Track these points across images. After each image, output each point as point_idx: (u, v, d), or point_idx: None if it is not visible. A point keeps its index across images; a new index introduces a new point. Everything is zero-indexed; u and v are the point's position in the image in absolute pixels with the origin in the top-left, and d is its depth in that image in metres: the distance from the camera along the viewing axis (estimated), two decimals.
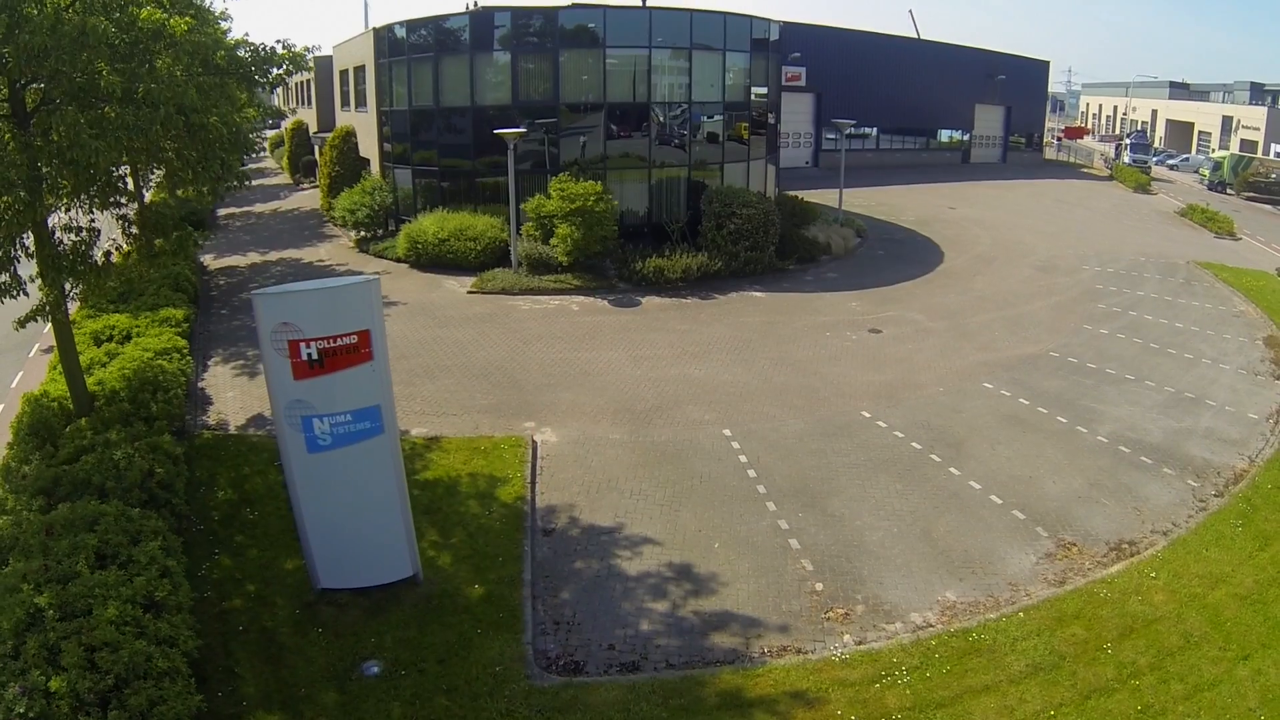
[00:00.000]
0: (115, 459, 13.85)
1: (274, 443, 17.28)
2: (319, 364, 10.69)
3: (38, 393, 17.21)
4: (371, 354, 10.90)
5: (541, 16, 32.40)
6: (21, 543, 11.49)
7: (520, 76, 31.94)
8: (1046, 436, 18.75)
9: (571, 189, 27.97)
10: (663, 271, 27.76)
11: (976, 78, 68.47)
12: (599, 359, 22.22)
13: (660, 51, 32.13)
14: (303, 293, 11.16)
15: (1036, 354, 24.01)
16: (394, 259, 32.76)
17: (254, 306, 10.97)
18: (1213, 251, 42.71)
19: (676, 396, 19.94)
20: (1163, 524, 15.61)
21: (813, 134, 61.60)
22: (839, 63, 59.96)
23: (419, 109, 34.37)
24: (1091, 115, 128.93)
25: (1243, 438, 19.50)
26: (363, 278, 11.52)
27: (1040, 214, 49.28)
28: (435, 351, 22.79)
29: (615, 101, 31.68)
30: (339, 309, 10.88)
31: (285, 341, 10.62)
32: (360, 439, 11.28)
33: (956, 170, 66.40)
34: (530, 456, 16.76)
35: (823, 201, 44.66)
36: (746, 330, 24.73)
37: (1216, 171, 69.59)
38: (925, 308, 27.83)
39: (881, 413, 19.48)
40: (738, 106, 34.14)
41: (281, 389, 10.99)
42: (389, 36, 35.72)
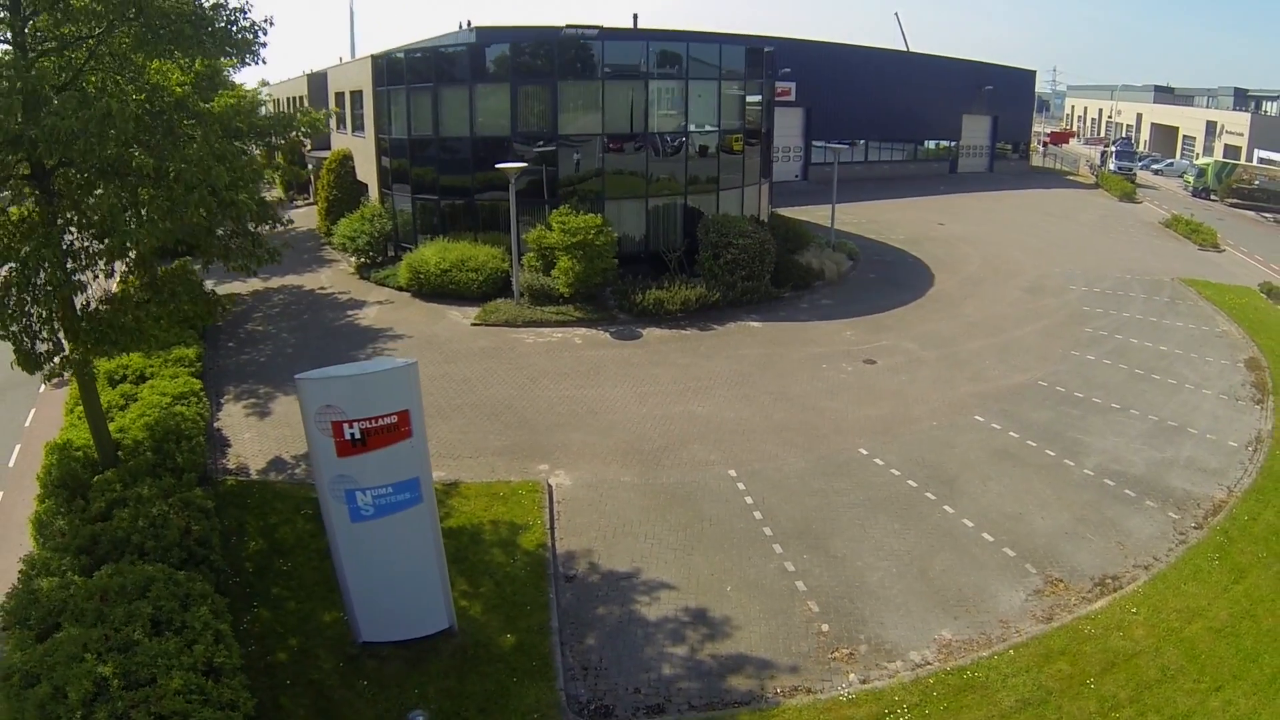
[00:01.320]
0: (151, 516, 14.70)
1: (297, 489, 18.54)
2: (361, 442, 11.75)
3: (60, 441, 18.03)
4: (411, 431, 11.97)
5: (540, 47, 33.47)
6: (73, 608, 12.26)
7: (519, 106, 32.93)
8: (1035, 471, 19.97)
9: (573, 222, 29.06)
10: (662, 303, 28.88)
11: (964, 88, 69.93)
12: (605, 396, 23.31)
13: (656, 81, 33.15)
14: (346, 378, 12.17)
15: (1025, 384, 25.24)
16: (395, 287, 33.74)
17: (298, 390, 12.01)
18: (1197, 265, 44.15)
19: (682, 435, 21.06)
20: (1144, 558, 16.84)
21: (802, 148, 62.86)
22: (827, 77, 61.24)
23: (418, 138, 35.33)
24: (1077, 117, 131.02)
25: (1222, 467, 20.78)
26: (402, 362, 12.53)
27: (1027, 228, 50.65)
28: (445, 389, 23.83)
29: (612, 131, 32.72)
30: (380, 392, 11.95)
31: (329, 422, 11.67)
32: (400, 509, 12.34)
33: (944, 181, 67.77)
34: (547, 502, 17.85)
35: (814, 220, 45.97)
36: (746, 364, 25.87)
37: (1201, 178, 71.29)
38: (918, 336, 29.04)
39: (878, 449, 20.65)
40: (733, 133, 35.24)
41: (326, 465, 12.03)
42: (387, 64, 36.66)
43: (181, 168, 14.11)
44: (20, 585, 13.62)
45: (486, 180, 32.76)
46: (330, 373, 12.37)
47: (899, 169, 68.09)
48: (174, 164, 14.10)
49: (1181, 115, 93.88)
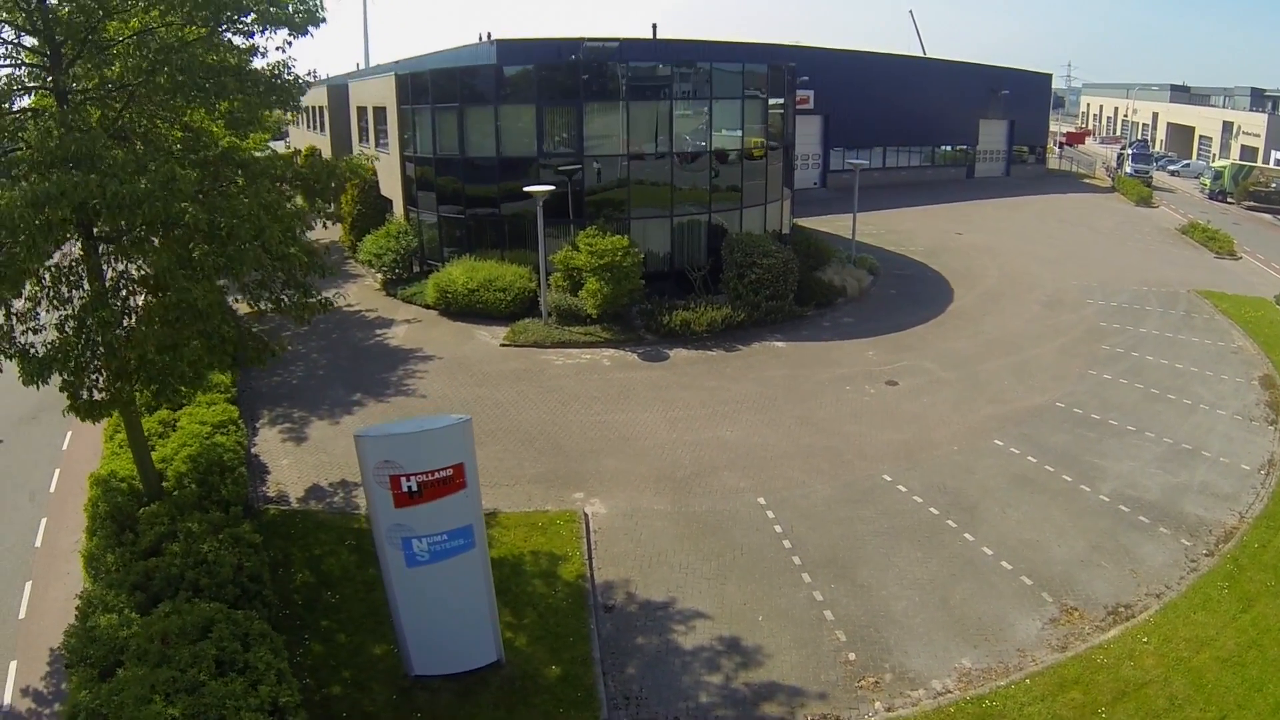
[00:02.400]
0: (203, 553, 15.57)
1: (339, 519, 19.58)
2: (418, 494, 12.71)
3: (105, 473, 18.82)
4: (465, 483, 12.91)
5: (564, 68, 34.37)
6: (135, 647, 13.03)
7: (544, 127, 33.86)
8: (1052, 497, 20.79)
9: (600, 244, 29.98)
10: (689, 324, 29.79)
11: (980, 92, 70.51)
12: (636, 421, 24.24)
13: (680, 102, 34.00)
14: (403, 435, 13.09)
15: (1043, 405, 26.03)
16: (423, 305, 34.75)
17: (358, 446, 12.98)
18: (1213, 275, 44.76)
19: (712, 462, 21.97)
20: (1156, 586, 17.64)
21: (821, 155, 63.65)
22: (844, 84, 61.95)
23: (444, 157, 36.29)
24: (1092, 116, 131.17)
25: (1235, 491, 21.54)
26: (456, 419, 13.38)
27: (1044, 238, 51.30)
28: (479, 414, 24.77)
29: (637, 151, 33.60)
30: (435, 448, 12.89)
31: (387, 476, 12.64)
32: (454, 554, 13.30)
33: (961, 187, 68.41)
34: (584, 531, 18.80)
35: (834, 230, 46.85)
36: (771, 386, 26.75)
37: (1217, 181, 71.67)
38: (938, 355, 29.85)
39: (901, 475, 21.52)
40: (755, 150, 36.04)
41: (384, 514, 12.99)
42: (411, 82, 37.59)
43: (234, 223, 14.94)
44: (78, 622, 14.46)
45: (512, 199, 33.70)
46: (388, 430, 13.33)
47: (916, 175, 68.75)
48: (226, 219, 14.90)
49: (1198, 115, 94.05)
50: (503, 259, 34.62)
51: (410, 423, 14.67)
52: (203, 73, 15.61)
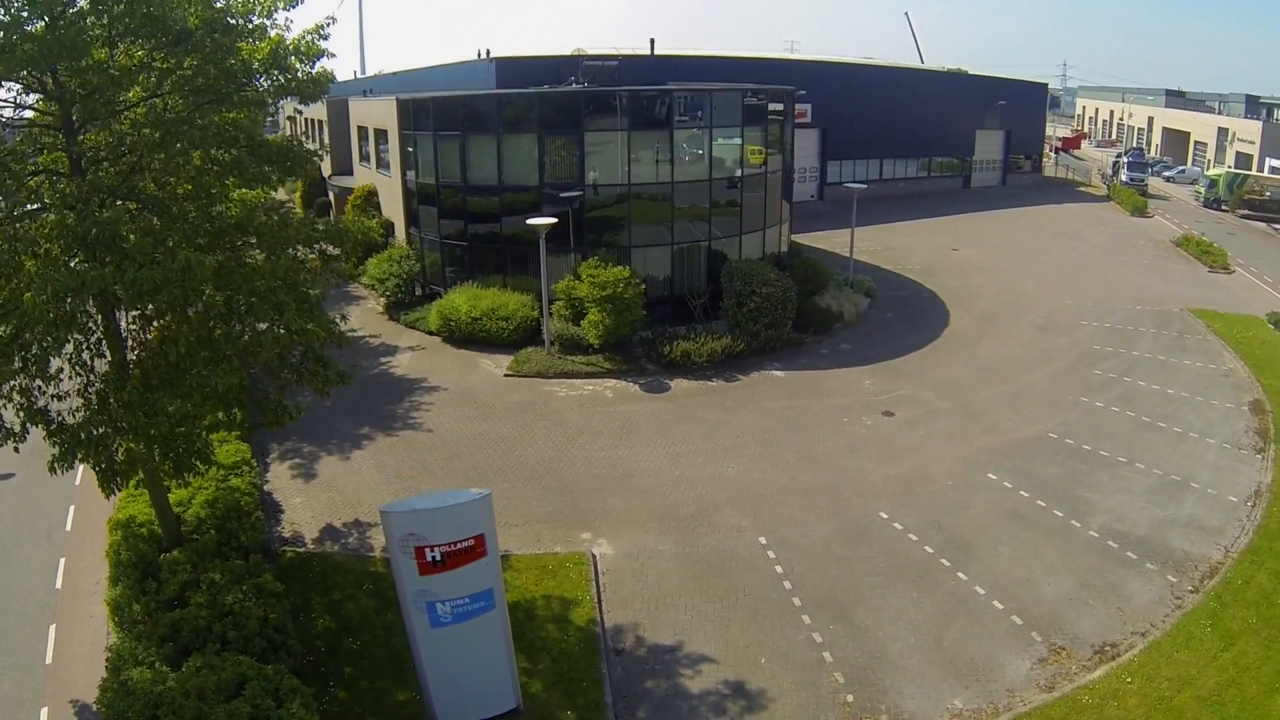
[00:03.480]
0: (228, 604, 16.48)
1: (355, 562, 20.49)
2: (441, 563, 13.68)
3: (123, 518, 19.59)
4: (486, 552, 13.88)
5: (566, 98, 35.27)
6: (170, 702, 13.81)
7: (546, 156, 34.70)
8: (1043, 534, 21.76)
9: (602, 276, 30.89)
10: (689, 355, 30.72)
11: (976, 103, 71.60)
12: (639, 458, 25.18)
13: (680, 131, 34.89)
14: (427, 510, 14.07)
15: (1037, 436, 27.01)
16: (426, 331, 35.63)
17: (384, 520, 13.95)
18: (1207, 291, 45.85)
19: (714, 500, 22.92)
20: (1142, 624, 18.62)
21: (818, 168, 64.65)
22: (842, 96, 62.98)
23: (446, 183, 37.14)
24: (1088, 118, 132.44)
25: (1221, 525, 22.54)
26: (477, 493, 14.38)
27: (1040, 252, 52.37)
28: (485, 449, 25.73)
29: (639, 180, 34.48)
30: (458, 521, 13.86)
31: (412, 547, 13.62)
32: (475, 615, 14.26)
33: (958, 198, 69.45)
34: (593, 574, 19.73)
35: (831, 248, 47.85)
36: (770, 418, 27.71)
37: (1212, 189, 72.88)
38: (934, 383, 30.82)
39: (897, 512, 22.49)
40: (756, 176, 36.94)
41: (409, 581, 13.95)
42: (413, 108, 38.41)
43: (252, 301, 15.74)
44: (110, 675, 15.30)
45: (514, 226, 34.59)
46: (412, 505, 14.31)
47: (913, 186, 69.74)
48: (244, 297, 15.69)
49: (1193, 121, 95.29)
50: (505, 285, 35.51)
51: (433, 497, 15.57)
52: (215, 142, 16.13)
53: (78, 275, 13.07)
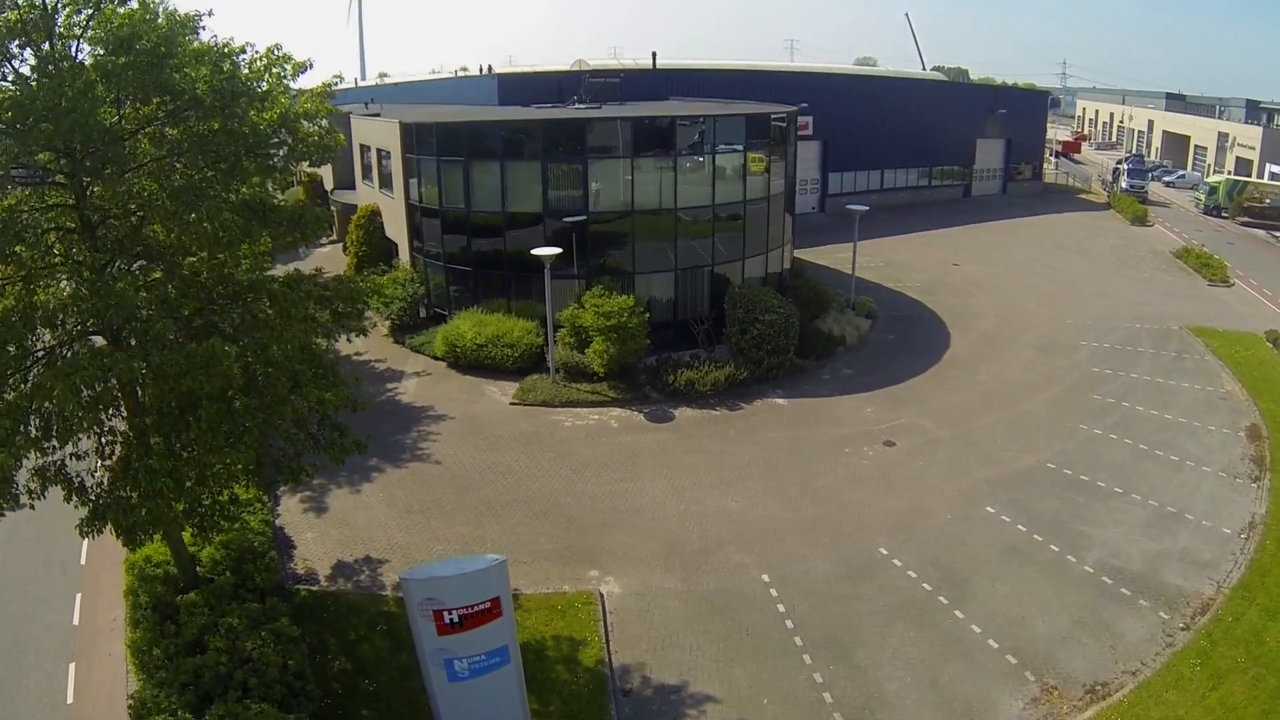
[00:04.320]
0: (248, 650, 17.27)
1: (369, 602, 21.23)
2: (459, 624, 14.47)
3: (139, 558, 20.28)
4: (501, 612, 14.66)
5: (570, 125, 35.94)
6: None
7: (550, 182, 35.42)
8: (1039, 570, 22.51)
9: (607, 305, 31.61)
10: (693, 384, 31.45)
11: (978, 112, 72.32)
12: (644, 491, 25.92)
13: (684, 157, 35.57)
14: (444, 578, 14.91)
15: (1035, 467, 27.73)
16: (431, 355, 36.36)
17: (403, 587, 14.74)
18: (1206, 306, 46.55)
19: (718, 536, 23.68)
20: (1133, 663, 19.36)
21: (819, 180, 65.34)
22: (843, 107, 63.73)
23: (450, 209, 37.83)
24: (1088, 120, 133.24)
25: (1215, 558, 23.27)
26: (493, 560, 15.18)
27: (1040, 267, 53.12)
28: (494, 483, 26.48)
29: (642, 207, 35.18)
30: (474, 586, 14.67)
31: (430, 611, 14.41)
32: (491, 670, 15.06)
33: (958, 208, 70.14)
34: (601, 614, 20.50)
35: (833, 264, 48.57)
36: (773, 449, 28.46)
37: (1212, 196, 73.58)
38: (934, 410, 31.56)
39: (897, 548, 23.25)
40: (759, 200, 37.63)
41: (428, 640, 14.79)
42: (416, 132, 39.06)
43: (269, 371, 16.41)
44: None
45: (519, 251, 35.29)
46: (430, 572, 15.18)
47: (914, 195, 70.41)
48: (260, 367, 16.37)
49: (1194, 125, 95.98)
50: (509, 310, 36.27)
51: (450, 564, 16.31)
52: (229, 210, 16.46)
53: (104, 366, 13.74)
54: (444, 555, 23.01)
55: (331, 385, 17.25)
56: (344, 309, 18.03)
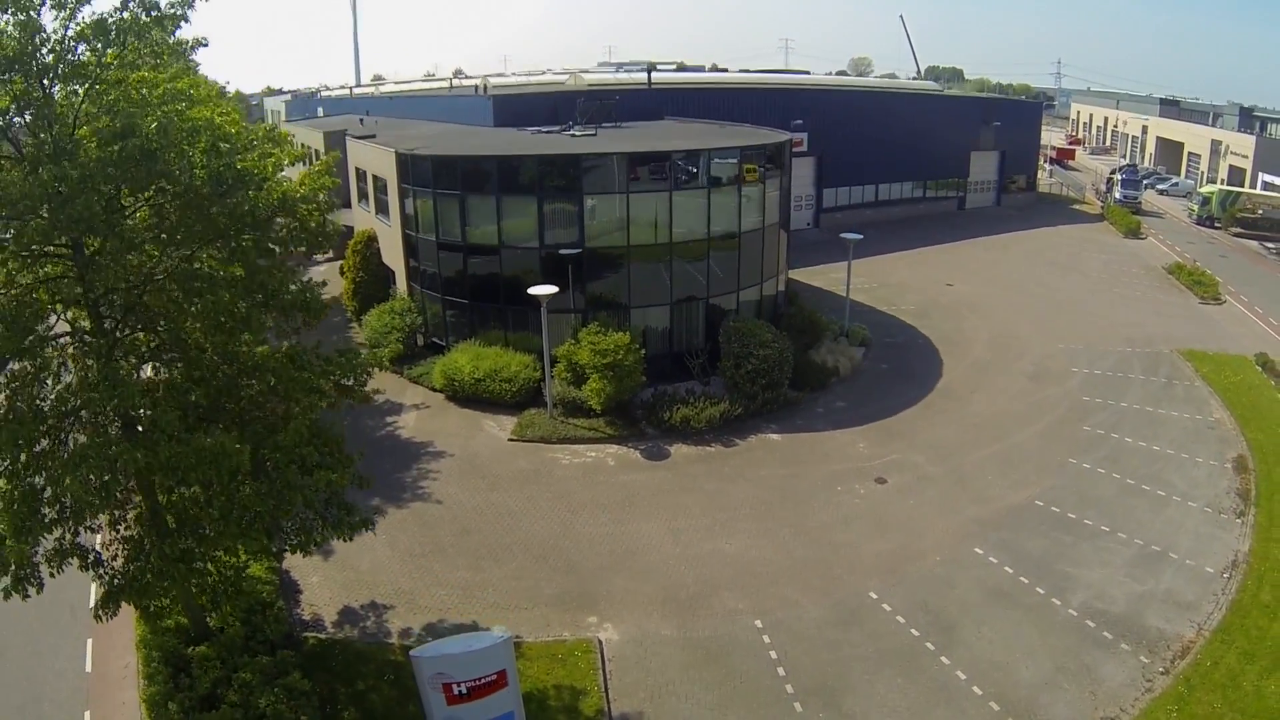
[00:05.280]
0: (261, 708, 18.16)
1: (376, 650, 22.14)
2: (467, 695, 15.42)
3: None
4: (507, 683, 15.61)
5: (566, 161, 36.79)
6: None
7: (546, 216, 36.28)
8: (1025, 613, 23.48)
9: (603, 343, 32.53)
10: (689, 421, 32.38)
11: (972, 125, 73.44)
12: (641, 533, 26.85)
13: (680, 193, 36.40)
14: (453, 655, 15.87)
15: (1024, 504, 28.69)
16: (430, 387, 37.27)
17: (414, 664, 15.71)
18: (1197, 326, 47.62)
19: (713, 580, 24.62)
20: (1112, 709, 20.33)
21: (814, 195, 66.38)
22: (838, 122, 64.82)
23: (446, 241, 38.69)
24: (1083, 124, 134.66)
25: (1197, 599, 24.24)
26: (500, 637, 16.14)
27: (1034, 286, 54.18)
28: (494, 524, 27.40)
29: (638, 241, 36.04)
30: (481, 661, 15.63)
31: (440, 684, 15.37)
32: None
33: (953, 222, 71.22)
34: (600, 662, 21.44)
35: (827, 286, 49.54)
36: (767, 488, 29.41)
37: (1205, 206, 74.83)
38: (926, 445, 32.52)
39: (886, 592, 24.20)
40: (753, 231, 38.51)
41: (438, 710, 15.81)
42: (412, 164, 39.85)
43: (276, 455, 17.24)
44: None
45: (515, 284, 36.17)
46: (440, 650, 16.19)
47: (908, 209, 71.46)
48: (269, 452, 17.19)
49: (1187, 132, 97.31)
50: (506, 342, 37.18)
51: (459, 641, 17.20)
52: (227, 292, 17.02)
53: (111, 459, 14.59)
54: (446, 600, 24.07)
55: (339, 465, 18.07)
56: (348, 382, 18.77)
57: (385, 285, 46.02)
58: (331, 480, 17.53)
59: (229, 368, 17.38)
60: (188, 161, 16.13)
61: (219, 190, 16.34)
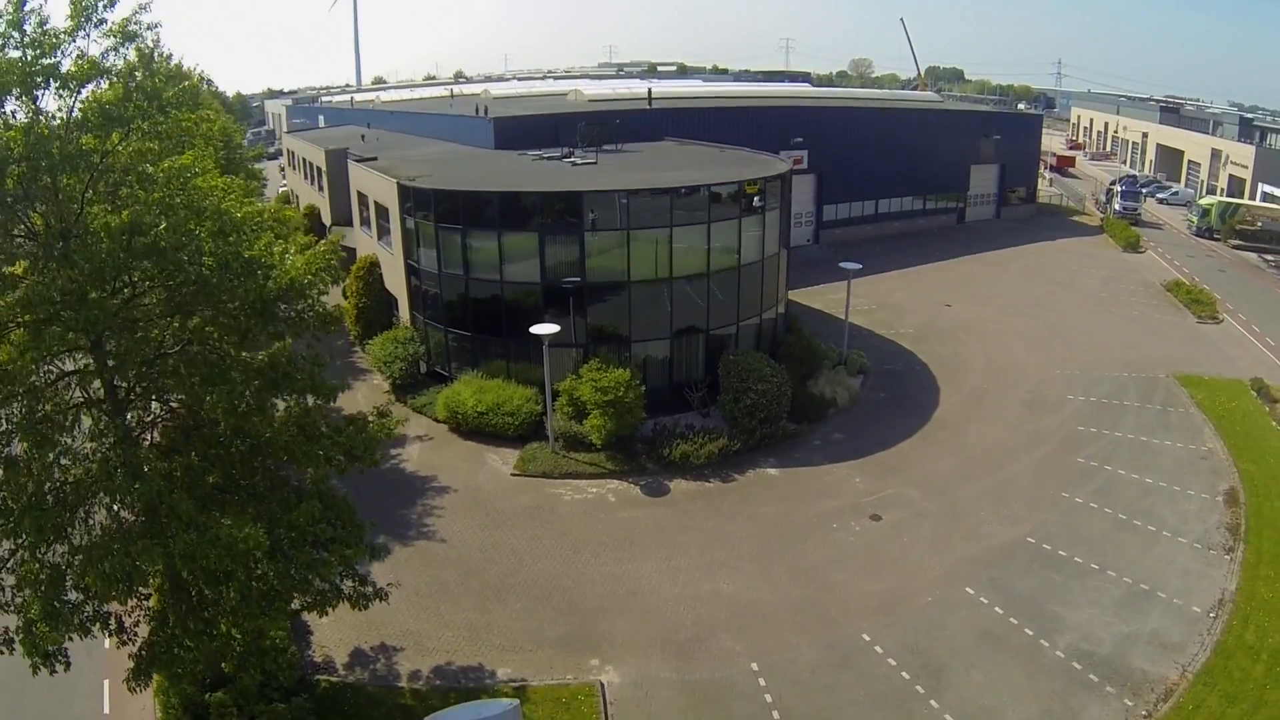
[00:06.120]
0: None
1: (387, 694, 23.18)
2: None
3: None
4: None
5: (568, 198, 37.69)
6: None
7: (547, 253, 37.21)
8: (1013, 655, 24.43)
9: (604, 380, 33.52)
10: (688, 457, 33.37)
11: (972, 138, 74.48)
12: (641, 573, 27.85)
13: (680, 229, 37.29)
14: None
15: (1016, 542, 29.64)
16: (433, 418, 38.26)
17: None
18: (1194, 348, 48.54)
19: (711, 622, 25.61)
20: None
21: (814, 212, 67.32)
22: (838, 139, 65.86)
23: (449, 274, 39.64)
24: (1083, 128, 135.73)
25: (1182, 640, 25.17)
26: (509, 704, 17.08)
27: (1032, 305, 55.21)
28: (498, 564, 28.40)
29: (638, 277, 36.98)
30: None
31: None
32: None
33: (952, 236, 72.28)
34: (602, 706, 22.46)
35: (825, 308, 50.54)
36: (764, 525, 30.39)
37: (1204, 218, 75.82)
38: (921, 480, 33.47)
39: (879, 634, 25.18)
40: (754, 264, 39.43)
41: None
42: (414, 195, 40.79)
43: (292, 535, 18.18)
44: None
45: (517, 317, 37.20)
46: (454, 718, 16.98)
47: (908, 224, 72.42)
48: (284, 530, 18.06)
49: (1188, 140, 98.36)
50: (508, 373, 38.18)
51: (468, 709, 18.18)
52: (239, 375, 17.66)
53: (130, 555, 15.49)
54: (453, 643, 25.07)
55: (353, 539, 19.04)
56: (359, 452, 19.69)
57: (388, 310, 47.04)
58: (347, 556, 18.47)
59: (242, 444, 18.26)
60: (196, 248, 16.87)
61: (228, 278, 17.13)
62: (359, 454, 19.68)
